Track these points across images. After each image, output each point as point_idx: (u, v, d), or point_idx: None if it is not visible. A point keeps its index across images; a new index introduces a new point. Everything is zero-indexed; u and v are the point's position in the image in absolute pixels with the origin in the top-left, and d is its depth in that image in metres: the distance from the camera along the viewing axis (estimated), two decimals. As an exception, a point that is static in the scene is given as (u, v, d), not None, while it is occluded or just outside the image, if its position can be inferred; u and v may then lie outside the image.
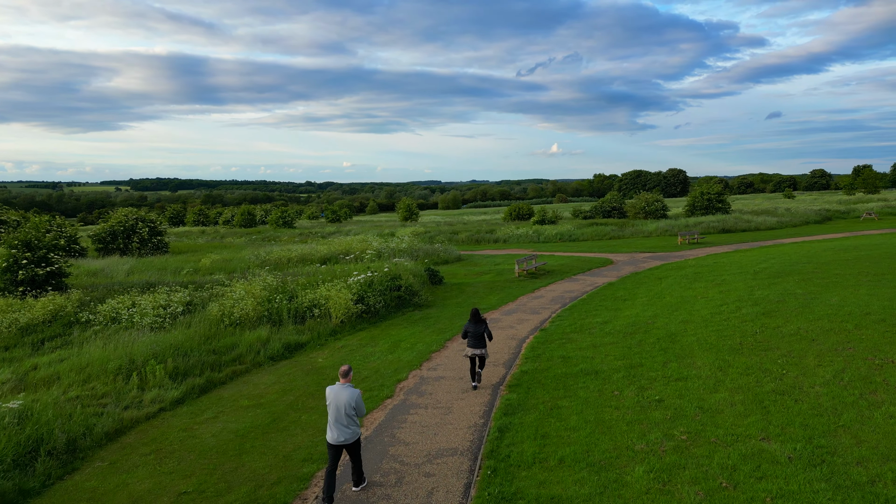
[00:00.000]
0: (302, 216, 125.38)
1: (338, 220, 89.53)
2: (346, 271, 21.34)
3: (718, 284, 20.73)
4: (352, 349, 15.60)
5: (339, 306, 17.62)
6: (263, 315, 17.41)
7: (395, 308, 19.80)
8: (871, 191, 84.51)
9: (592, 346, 14.13)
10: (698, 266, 26.53)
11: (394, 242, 32.76)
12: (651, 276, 24.66)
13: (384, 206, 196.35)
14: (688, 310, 17.14)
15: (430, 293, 22.69)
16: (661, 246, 37.49)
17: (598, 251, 35.90)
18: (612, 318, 17.04)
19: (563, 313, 18.36)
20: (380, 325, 18.09)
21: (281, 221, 72.19)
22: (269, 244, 45.40)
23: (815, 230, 44.58)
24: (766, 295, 17.77)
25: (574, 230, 46.72)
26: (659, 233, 45.86)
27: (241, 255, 31.95)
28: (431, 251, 32.29)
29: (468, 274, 27.93)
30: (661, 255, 32.96)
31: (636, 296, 20.39)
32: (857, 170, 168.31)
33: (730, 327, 14.61)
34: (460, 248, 41.56)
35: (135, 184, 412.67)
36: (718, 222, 48.10)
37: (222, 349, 14.91)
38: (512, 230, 47.52)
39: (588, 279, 25.18)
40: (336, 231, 60.10)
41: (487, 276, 26.93)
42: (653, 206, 58.89)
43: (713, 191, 60.90)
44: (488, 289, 23.76)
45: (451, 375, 12.84)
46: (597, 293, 21.63)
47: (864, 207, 58.30)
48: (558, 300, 20.77)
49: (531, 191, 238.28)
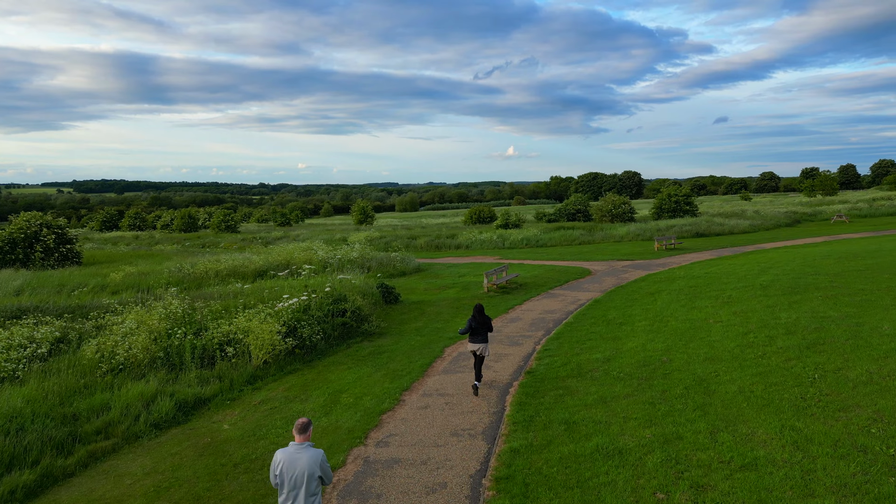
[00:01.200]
0: (250, 219, 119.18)
1: (287, 223, 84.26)
2: (276, 292, 17.10)
3: (726, 303, 17.43)
4: (274, 406, 11.45)
5: (261, 342, 13.44)
6: (158, 357, 13.07)
7: (338, 339, 15.71)
8: (830, 193, 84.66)
9: (602, 402, 10.41)
10: (690, 277, 23.33)
11: (342, 251, 28.57)
12: (640, 291, 21.27)
13: (339, 208, 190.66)
14: (706, 340, 13.65)
15: (383, 316, 18.66)
16: (637, 252, 34.42)
17: (572, 259, 32.52)
18: (614, 352, 13.39)
19: (549, 345, 14.62)
20: (317, 366, 13.97)
21: (223, 226, 66.75)
22: (203, 252, 40.43)
23: (790, 234, 42.52)
24: (794, 319, 14.47)
25: (541, 235, 43.40)
26: (631, 237, 42.99)
27: (162, 268, 27.18)
28: (386, 261, 28.24)
29: (429, 289, 23.99)
30: (641, 263, 29.80)
31: (632, 318, 16.87)
32: (806, 172, 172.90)
33: (773, 369, 11.14)
34: (419, 256, 37.62)
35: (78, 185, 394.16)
36: (690, 226, 45.64)
37: (85, 414, 10.56)
38: (475, 235, 43.88)
39: (569, 294, 21.61)
40: (283, 236, 55.28)
41: (452, 292, 23.07)
42: (620, 209, 56.32)
43: (680, 193, 58.83)
44: (454, 309, 19.89)
45: (411, 458, 8.87)
46: (584, 314, 18.03)
47: (831, 210, 57.16)
48: (540, 324, 17.07)
49: (489, 193, 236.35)
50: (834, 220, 50.83)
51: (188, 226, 74.22)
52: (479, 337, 11.52)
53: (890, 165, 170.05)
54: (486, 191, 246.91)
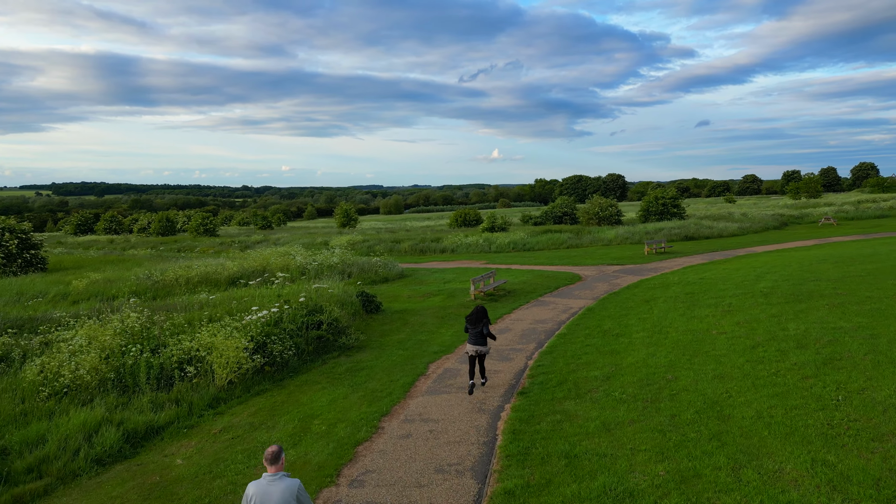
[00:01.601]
0: (231, 222, 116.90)
1: (269, 226, 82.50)
2: (246, 303, 15.79)
3: (728, 312, 16.44)
4: (236, 435, 10.18)
5: (226, 360, 12.14)
6: (109, 378, 11.72)
7: (313, 354, 14.44)
8: (814, 195, 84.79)
9: (605, 429, 9.28)
10: (684, 283, 22.37)
11: (322, 256, 27.26)
12: (635, 299, 20.25)
13: (323, 211, 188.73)
14: (711, 354, 12.61)
15: (363, 328, 17.41)
16: (627, 256, 33.50)
17: (560, 263, 31.50)
18: (614, 369, 12.29)
19: (542, 360, 13.49)
20: (288, 385, 12.69)
21: (202, 229, 64.90)
22: (178, 257, 38.83)
23: (779, 237, 41.94)
24: (804, 330, 13.49)
25: (528, 238, 42.37)
26: (619, 241, 42.12)
27: (130, 275, 25.67)
28: (368, 266, 26.97)
29: (413, 296, 22.78)
30: (632, 267, 28.85)
31: (629, 329, 15.81)
32: (788, 175, 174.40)
33: (791, 389, 10.10)
34: (403, 260, 36.38)
35: (57, 188, 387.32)
36: (679, 229, 44.90)
37: (17, 448, 9.22)
38: (460, 239, 42.73)
39: (559, 302, 20.54)
40: (263, 240, 53.68)
41: (437, 300, 21.88)
42: (607, 212, 55.51)
43: (667, 195, 58.18)
44: (439, 318, 18.70)
45: (389, 502, 7.66)
46: (577, 324, 16.94)
47: (819, 212, 56.86)
48: (531, 336, 15.94)
49: (474, 195, 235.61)
50: (822, 222, 50.45)
51: (166, 229, 72.23)
52: (477, 338, 11.53)
53: (870, 168, 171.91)
54: (470, 193, 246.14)
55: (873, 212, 55.53)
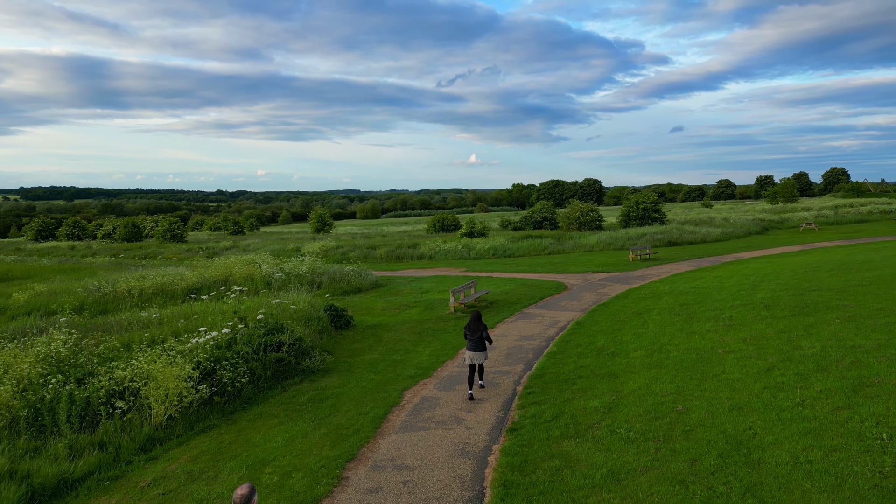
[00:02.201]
0: (203, 227, 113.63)
1: (240, 231, 79.90)
2: (197, 321, 13.96)
3: (730, 326, 15.10)
4: (168, 489, 8.40)
5: (165, 392, 10.36)
6: (22, 415, 9.85)
7: (272, 380, 12.69)
8: (790, 200, 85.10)
9: (614, 480, 7.74)
10: (677, 293, 21.08)
11: (290, 264, 25.43)
12: (626, 311, 18.86)
13: (298, 215, 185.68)
14: (723, 379, 11.19)
15: (331, 346, 15.69)
16: (612, 263, 32.25)
17: (543, 271, 30.09)
18: (615, 397, 10.79)
19: (533, 385, 11.93)
20: (239, 419, 10.94)
21: (168, 235, 62.30)
22: (140, 265, 36.54)
23: (763, 242, 41.18)
24: (820, 350, 12.16)
25: (508, 244, 40.98)
26: (601, 246, 40.94)
27: (78, 287, 23.53)
28: (340, 276, 25.20)
29: (388, 308, 21.10)
30: (619, 275, 27.55)
31: (625, 347, 14.36)
32: (761, 180, 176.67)
33: (824, 424, 8.69)
34: (379, 268, 34.66)
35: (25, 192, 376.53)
36: (662, 234, 43.94)
37: None
38: (438, 245, 41.14)
39: (546, 315, 19.05)
40: (232, 246, 51.48)
41: (413, 312, 20.24)
42: (587, 217, 54.46)
43: (648, 200, 57.37)
44: (415, 334, 17.06)
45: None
46: (567, 341, 15.44)
47: (798, 217, 56.56)
48: (517, 355, 14.40)
49: (451, 200, 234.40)
50: (803, 227, 50.01)
51: (131, 235, 69.36)
52: (476, 345, 11.35)
53: (841, 174, 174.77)
54: (448, 198, 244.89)
55: (852, 216, 55.40)
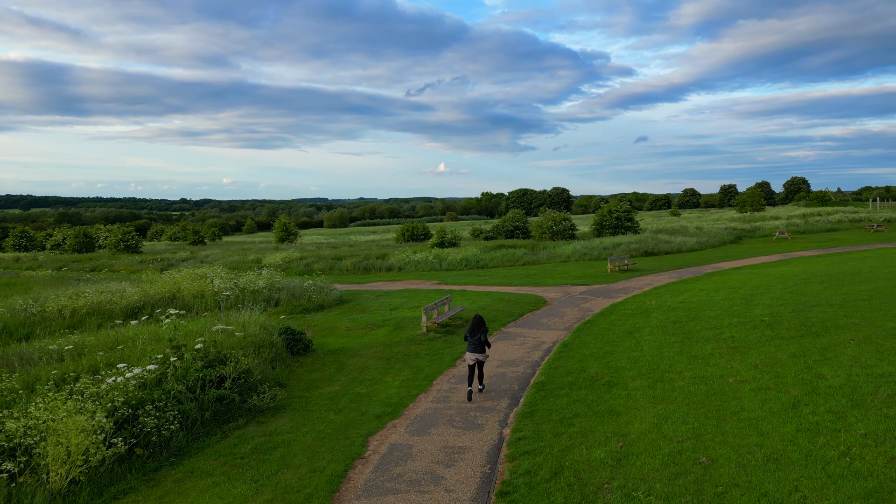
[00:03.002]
0: (162, 237, 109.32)
1: (201, 241, 76.56)
2: (121, 353, 11.75)
3: (734, 349, 13.58)
4: None
5: (66, 449, 8.22)
6: None
7: (210, 423, 10.60)
8: (758, 208, 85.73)
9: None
10: (665, 309, 19.60)
11: (245, 279, 23.18)
12: (615, 329, 17.24)
13: (264, 224, 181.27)
14: (744, 418, 9.55)
15: (285, 377, 13.62)
16: (590, 274, 30.80)
17: (520, 283, 28.43)
18: (622, 443, 9.05)
19: (522, 427, 10.11)
20: (164, 480, 8.85)
21: (122, 245, 58.91)
22: (85, 278, 33.65)
23: (740, 251, 40.39)
24: (847, 379, 10.66)
25: (481, 254, 39.30)
26: (577, 256, 39.57)
27: (1, 306, 20.87)
28: (300, 291, 23.05)
29: (352, 328, 19.08)
30: (599, 288, 26.06)
31: (622, 374, 12.67)
32: (725, 189, 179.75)
33: (886, 483, 7.09)
34: (345, 281, 32.55)
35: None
36: (637, 244, 42.84)
37: None
38: (408, 255, 39.21)
39: (528, 335, 17.30)
40: (189, 257, 48.65)
41: (381, 333, 18.27)
42: (560, 226, 53.22)
43: (621, 209, 56.51)
44: (383, 360, 15.10)
45: None
46: (555, 367, 13.68)
47: (769, 226, 56.37)
48: (500, 385, 12.57)
49: (421, 209, 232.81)
50: (776, 236, 49.64)
51: (83, 245, 65.59)
52: (476, 346, 11.53)
53: (801, 183, 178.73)
54: (417, 206, 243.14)
55: (822, 225, 55.45)
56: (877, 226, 51.50)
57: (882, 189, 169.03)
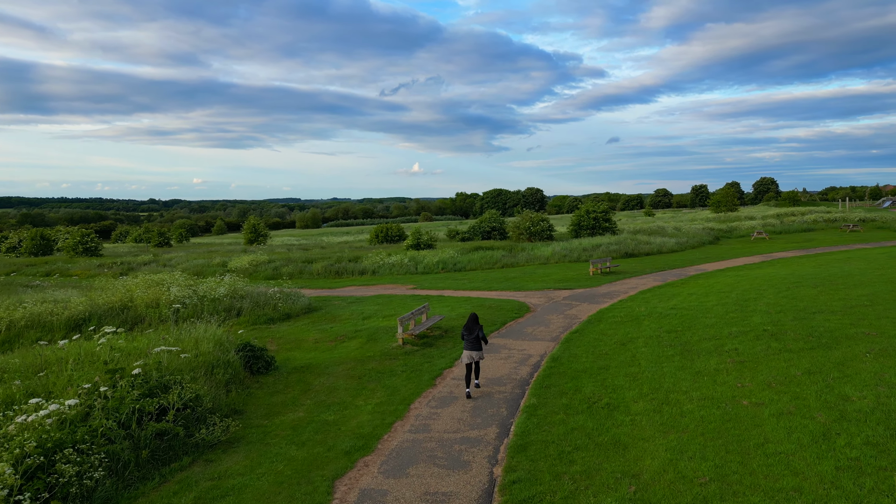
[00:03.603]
0: (127, 239, 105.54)
1: (166, 243, 73.72)
2: (42, 382, 10.03)
3: (741, 363, 12.40)
4: None
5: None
6: None
7: (148, 465, 8.97)
8: (732, 208, 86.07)
9: None
10: (657, 316, 18.43)
11: (205, 286, 21.37)
12: (606, 340, 15.97)
13: (234, 225, 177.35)
14: (771, 452, 8.30)
15: (242, 402, 12.00)
16: (572, 277, 29.63)
17: (500, 288, 27.10)
18: (633, 484, 7.68)
19: (515, 462, 8.70)
20: (81, 545, 7.22)
21: (81, 248, 56.04)
22: (36, 284, 31.30)
23: (720, 252, 39.72)
24: (877, 401, 9.51)
25: (458, 257, 37.91)
26: (557, 258, 38.43)
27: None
28: (265, 299, 21.31)
29: (321, 341, 17.47)
30: (583, 292, 24.87)
31: (621, 394, 11.37)
32: (696, 189, 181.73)
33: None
34: (315, 286, 30.83)
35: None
36: (617, 245, 41.94)
37: None
38: (382, 258, 37.62)
39: (513, 346, 15.93)
40: (152, 260, 46.27)
41: (353, 346, 16.71)
42: (538, 227, 52.14)
43: (599, 209, 55.67)
44: (355, 379, 13.56)
45: None
46: (546, 386, 12.31)
47: (746, 226, 56.14)
48: (487, 409, 11.15)
49: (395, 209, 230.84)
50: (754, 236, 49.30)
51: (40, 248, 62.32)
52: (473, 344, 11.62)
53: (770, 183, 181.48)
54: (392, 207, 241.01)
55: (798, 225, 55.39)
56: (853, 226, 51.56)
57: (848, 189, 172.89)
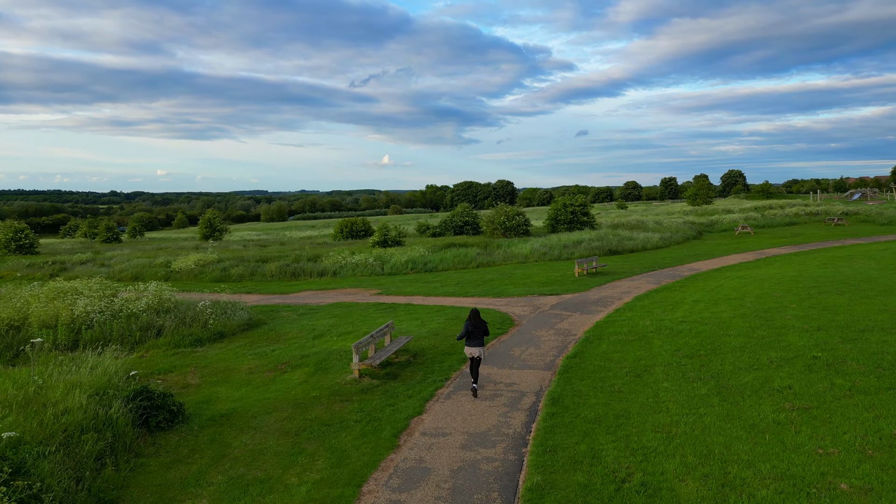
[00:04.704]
0: (76, 233, 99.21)
1: (115, 239, 68.50)
2: None
3: (804, 410, 9.34)
4: None
5: None
6: None
7: None
8: (707, 201, 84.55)
9: None
10: (665, 332, 15.36)
11: (121, 300, 17.48)
12: (615, 369, 12.79)
13: (196, 218, 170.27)
14: None
15: (119, 484, 8.37)
16: (556, 280, 26.52)
17: (477, 293, 23.80)
18: None
19: None
20: None
21: (13, 245, 50.88)
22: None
23: (710, 249, 37.15)
24: None
25: (429, 255, 34.49)
26: (536, 257, 35.30)
27: None
28: (193, 314, 17.47)
29: (257, 371, 13.88)
30: (571, 298, 21.76)
31: (659, 466, 8.18)
32: (665, 182, 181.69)
33: None
34: (267, 290, 27.08)
35: None
36: (599, 241, 39.07)
37: None
38: (345, 257, 33.97)
39: (499, 379, 12.62)
40: (90, 259, 41.68)
41: (295, 379, 13.16)
42: (514, 221, 48.96)
43: (577, 202, 52.79)
44: (291, 437, 10.05)
45: None
46: (549, 449, 9.02)
47: (726, 220, 54.06)
48: (474, 496, 7.83)
49: (364, 201, 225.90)
50: (738, 231, 47.10)
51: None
52: (476, 341, 11.57)
53: (738, 176, 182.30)
54: (360, 199, 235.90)
55: (781, 219, 53.49)
56: (837, 219, 49.80)
57: (812, 182, 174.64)
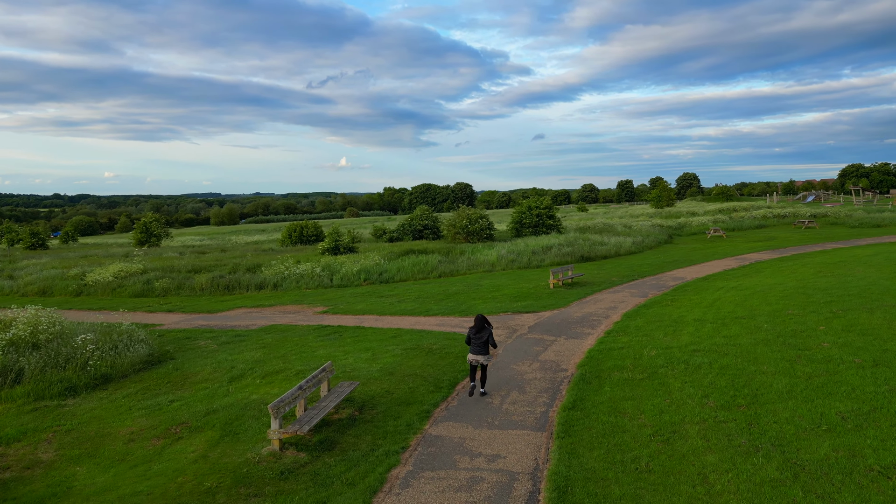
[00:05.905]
0: (1, 240, 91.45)
1: (41, 245, 62.35)
2: None
3: None
4: None
5: None
6: None
7: None
8: (669, 203, 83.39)
9: None
10: (682, 366, 12.25)
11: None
12: (633, 429, 9.52)
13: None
14: None
15: None
16: (528, 292, 23.31)
17: (440, 311, 20.31)
18: None
19: None
20: None
21: (-90, 254, 44.76)
22: None
23: (686, 254, 34.68)
24: None
25: (385, 263, 30.86)
26: (504, 264, 32.09)
27: None
28: (70, 350, 13.41)
29: (140, 437, 10.02)
30: (551, 316, 18.55)
31: None
32: (622, 185, 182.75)
33: None
34: (194, 307, 22.95)
35: None
36: (570, 247, 36.16)
37: None
38: (288, 266, 30.00)
39: (474, 448, 9.18)
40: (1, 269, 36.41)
41: (191, 452, 9.40)
42: (477, 225, 45.71)
43: (542, 205, 49.93)
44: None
45: None
46: None
47: (695, 222, 52.20)
48: None
49: (319, 204, 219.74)
50: (710, 234, 45.10)
51: None
52: (477, 348, 11.27)
53: (693, 179, 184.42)
54: (316, 202, 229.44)
55: (750, 222, 51.92)
56: (808, 222, 48.39)
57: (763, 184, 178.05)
